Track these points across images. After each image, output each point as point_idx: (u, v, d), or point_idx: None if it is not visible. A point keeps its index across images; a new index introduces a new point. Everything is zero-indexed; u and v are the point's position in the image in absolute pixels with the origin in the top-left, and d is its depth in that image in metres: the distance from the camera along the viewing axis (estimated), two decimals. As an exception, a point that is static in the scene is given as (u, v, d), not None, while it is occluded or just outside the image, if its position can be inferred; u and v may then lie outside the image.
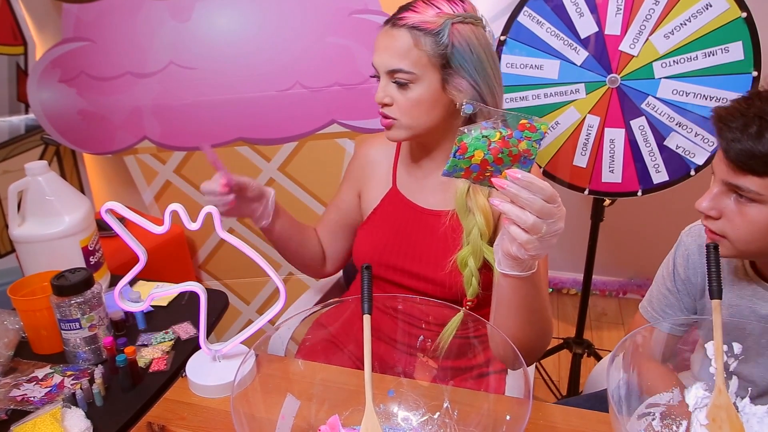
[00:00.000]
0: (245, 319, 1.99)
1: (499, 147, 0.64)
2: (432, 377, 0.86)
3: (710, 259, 0.74)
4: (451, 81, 0.94)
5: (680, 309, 0.99)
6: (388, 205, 1.10)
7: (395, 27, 0.94)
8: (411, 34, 0.92)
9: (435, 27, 0.91)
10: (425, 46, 0.92)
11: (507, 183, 0.64)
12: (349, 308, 0.96)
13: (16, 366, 0.95)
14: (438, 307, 0.88)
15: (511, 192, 0.64)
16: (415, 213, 1.06)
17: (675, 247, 1.00)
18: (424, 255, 1.03)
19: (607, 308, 2.47)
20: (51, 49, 1.65)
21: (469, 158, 0.65)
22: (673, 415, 0.78)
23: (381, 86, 0.97)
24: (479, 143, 0.64)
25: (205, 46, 1.65)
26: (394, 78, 0.94)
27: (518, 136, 0.64)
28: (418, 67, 0.92)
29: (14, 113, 1.68)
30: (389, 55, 0.94)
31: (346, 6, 1.60)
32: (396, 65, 0.93)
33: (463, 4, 0.95)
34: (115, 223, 0.80)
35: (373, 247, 1.08)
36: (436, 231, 1.02)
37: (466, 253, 0.95)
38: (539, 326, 0.83)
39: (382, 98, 0.96)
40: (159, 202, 1.84)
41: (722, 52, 1.40)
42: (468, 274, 0.96)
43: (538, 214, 0.64)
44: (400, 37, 0.93)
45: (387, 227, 1.08)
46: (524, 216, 0.65)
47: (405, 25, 0.92)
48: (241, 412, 0.69)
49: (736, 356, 0.78)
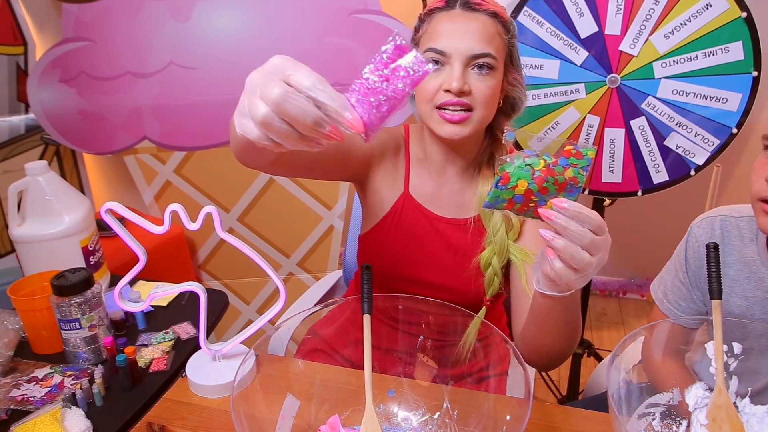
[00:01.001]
0: (245, 319, 1.99)
1: (544, 176, 0.60)
2: (432, 377, 0.86)
3: (710, 259, 0.74)
4: (509, 74, 0.93)
5: (692, 301, 0.98)
6: (401, 212, 1.01)
7: (473, 11, 0.88)
8: (493, 21, 0.88)
9: (507, 19, 0.90)
10: (504, 34, 0.89)
11: (555, 214, 0.60)
12: (345, 313, 0.95)
13: (16, 366, 0.95)
14: (438, 306, 0.87)
15: (559, 224, 0.60)
16: (430, 221, 1.00)
17: (686, 239, 0.99)
18: (441, 264, 1.00)
19: (607, 308, 2.47)
20: (51, 49, 1.65)
21: (512, 189, 0.61)
22: (673, 415, 0.78)
23: (458, 74, 0.85)
24: (522, 172, 0.60)
25: (205, 46, 1.65)
26: (478, 62, 0.87)
27: (563, 163, 0.60)
28: (500, 54, 0.89)
29: (14, 113, 1.68)
30: (474, 39, 0.86)
31: (346, 6, 1.60)
32: (484, 49, 0.86)
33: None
34: (114, 223, 0.80)
35: (389, 258, 1.02)
36: (451, 239, 0.99)
37: (490, 252, 0.93)
38: (573, 335, 0.83)
39: (462, 86, 0.85)
40: (159, 202, 1.84)
41: (722, 52, 1.40)
42: (490, 274, 0.94)
43: (588, 248, 0.61)
44: (485, 21, 0.87)
45: (401, 236, 1.01)
46: (579, 255, 0.60)
47: (485, 11, 0.88)
48: (241, 412, 0.69)
49: (736, 356, 0.78)
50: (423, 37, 0.92)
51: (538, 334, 0.82)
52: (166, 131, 1.72)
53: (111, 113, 1.70)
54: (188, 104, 1.68)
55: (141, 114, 1.69)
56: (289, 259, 1.90)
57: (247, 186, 1.80)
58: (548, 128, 1.58)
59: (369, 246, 1.05)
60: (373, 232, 1.03)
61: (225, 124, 0.97)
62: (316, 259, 1.90)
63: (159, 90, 1.67)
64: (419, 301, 0.87)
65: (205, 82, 1.66)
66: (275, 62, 0.59)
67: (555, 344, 0.82)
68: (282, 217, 1.84)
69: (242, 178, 1.79)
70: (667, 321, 0.94)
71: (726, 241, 0.92)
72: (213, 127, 1.70)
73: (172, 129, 1.72)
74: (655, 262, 1.09)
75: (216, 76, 1.65)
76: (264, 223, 1.86)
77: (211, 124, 1.70)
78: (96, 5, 1.63)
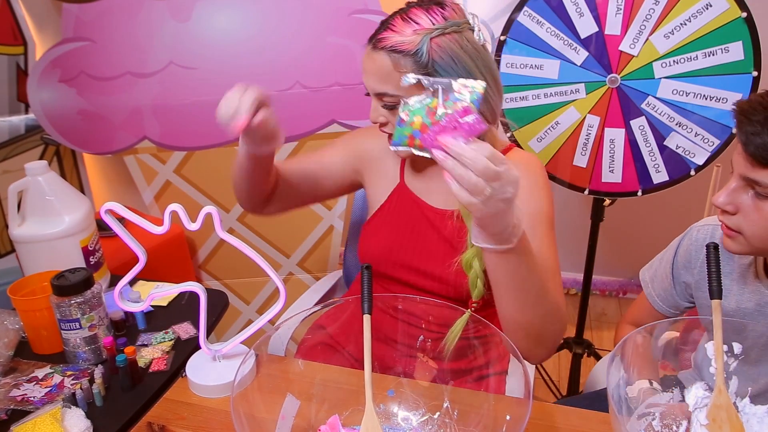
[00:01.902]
0: (245, 319, 1.99)
1: (436, 111, 0.65)
2: (432, 377, 0.86)
3: (710, 259, 0.74)
4: None
5: (671, 294, 1.02)
6: (396, 201, 1.08)
7: (375, 49, 0.91)
8: (390, 57, 0.89)
9: (413, 47, 0.87)
10: (405, 67, 0.88)
11: (451, 141, 0.63)
12: (349, 308, 0.96)
13: (16, 366, 0.95)
14: (438, 307, 0.88)
15: (454, 151, 0.63)
16: (423, 210, 1.05)
17: (683, 236, 1.01)
18: (432, 253, 1.02)
19: (607, 308, 2.47)
20: (51, 49, 1.65)
21: (410, 125, 0.66)
22: (673, 415, 0.78)
23: (373, 107, 0.96)
24: (417, 110, 0.66)
25: (205, 46, 1.65)
26: (382, 101, 0.93)
27: (454, 99, 0.65)
28: (402, 89, 0.89)
29: (14, 113, 1.68)
30: (373, 80, 0.92)
31: (346, 6, 1.60)
32: (381, 89, 0.91)
33: (443, 11, 0.90)
34: (114, 223, 0.80)
35: (381, 243, 1.07)
36: (443, 229, 1.02)
37: (471, 255, 0.94)
38: (542, 309, 0.81)
39: (376, 118, 0.96)
40: (159, 202, 1.84)
41: (722, 52, 1.41)
42: (473, 276, 0.94)
43: (482, 174, 0.63)
44: (380, 60, 0.90)
45: (394, 223, 1.07)
46: (467, 175, 0.63)
47: (383, 48, 0.89)
48: (241, 412, 0.69)
49: (737, 356, 0.79)
50: None
51: (499, 302, 0.81)
52: (166, 131, 1.72)
53: (111, 113, 1.70)
54: (188, 104, 1.68)
55: (141, 114, 1.69)
56: (289, 259, 1.90)
57: (247, 186, 1.80)
58: (548, 128, 1.58)
59: (367, 233, 1.11)
60: (371, 221, 1.11)
61: (225, 124, 0.97)
62: (316, 259, 1.90)
63: (159, 90, 1.67)
64: (419, 300, 0.87)
65: (205, 82, 1.66)
66: None
67: (521, 318, 0.81)
68: (282, 217, 1.84)
69: (242, 178, 1.79)
70: (667, 321, 0.94)
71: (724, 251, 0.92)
72: (213, 127, 1.68)
73: (172, 129, 1.72)
74: (655, 262, 1.10)
75: (216, 76, 1.65)
76: (264, 223, 1.86)
77: (211, 124, 1.68)
78: (96, 5, 1.63)
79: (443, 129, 0.65)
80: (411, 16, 0.89)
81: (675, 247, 1.01)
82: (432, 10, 0.89)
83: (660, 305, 1.04)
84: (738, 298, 0.91)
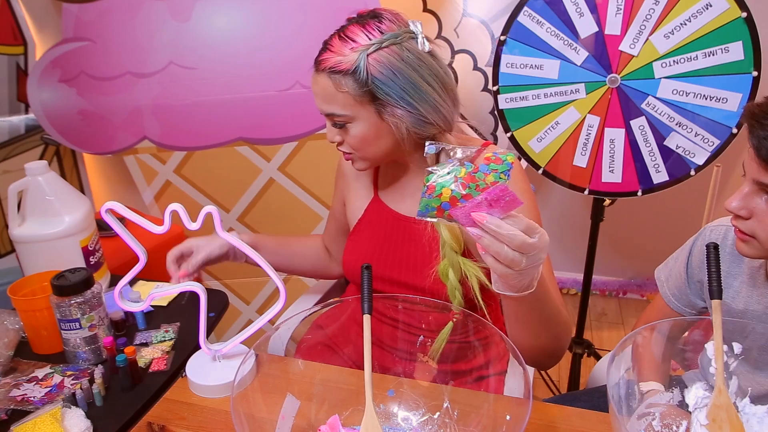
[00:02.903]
0: (245, 319, 1.99)
1: (467, 182, 0.64)
2: (432, 377, 0.86)
3: (710, 259, 0.74)
4: (385, 111, 0.90)
5: (685, 294, 1.01)
6: (372, 215, 1.08)
7: (317, 72, 0.92)
8: (330, 78, 0.89)
9: (350, 66, 0.88)
10: (346, 87, 0.89)
11: (487, 218, 0.63)
12: (347, 311, 0.96)
13: (16, 366, 0.95)
14: (438, 308, 0.88)
15: (490, 228, 0.63)
16: (398, 222, 1.04)
17: (696, 236, 1.00)
18: (410, 263, 1.02)
19: (607, 308, 2.47)
20: (51, 49, 1.65)
21: (438, 197, 0.65)
22: (673, 414, 0.78)
23: (328, 128, 0.97)
24: (446, 181, 0.64)
25: (205, 46, 1.65)
26: (333, 121, 0.94)
27: (484, 169, 0.64)
28: (347, 108, 0.90)
29: (14, 113, 1.68)
30: (320, 101, 0.93)
31: (346, 6, 1.60)
32: (328, 110, 0.93)
33: (380, 24, 0.89)
34: (115, 223, 0.80)
35: (360, 257, 1.07)
36: (419, 238, 1.00)
37: (445, 266, 0.93)
38: (554, 331, 0.83)
39: (332, 138, 0.97)
40: (159, 202, 1.84)
41: (722, 52, 1.40)
42: (451, 287, 0.94)
43: (519, 249, 0.63)
44: (323, 81, 0.91)
45: (371, 237, 1.07)
46: (504, 251, 0.63)
47: (323, 70, 0.90)
48: (241, 412, 0.69)
49: (737, 356, 0.78)
50: None
51: (516, 335, 0.83)
52: (166, 131, 1.72)
53: (111, 113, 1.70)
54: (188, 104, 1.68)
55: (141, 114, 1.69)
56: (289, 259, 1.90)
57: (247, 186, 1.80)
58: (548, 128, 1.58)
59: (348, 249, 1.12)
60: (351, 236, 1.12)
61: (225, 124, 0.98)
62: (316, 259, 1.90)
63: (159, 90, 1.67)
64: (417, 302, 0.87)
65: (205, 82, 1.66)
66: None
67: (536, 342, 0.82)
68: (282, 217, 1.84)
69: (242, 178, 1.79)
70: (667, 321, 0.94)
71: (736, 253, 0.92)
72: (213, 127, 1.70)
73: (172, 129, 1.72)
74: (654, 262, 1.10)
75: (216, 76, 1.65)
76: (264, 223, 1.86)
77: (211, 124, 1.70)
78: (96, 5, 1.63)
79: (478, 205, 0.64)
80: (348, 35, 0.90)
81: (689, 246, 1.00)
82: (368, 25, 0.89)
83: (675, 304, 1.02)
84: (747, 300, 0.90)
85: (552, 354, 0.86)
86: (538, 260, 0.66)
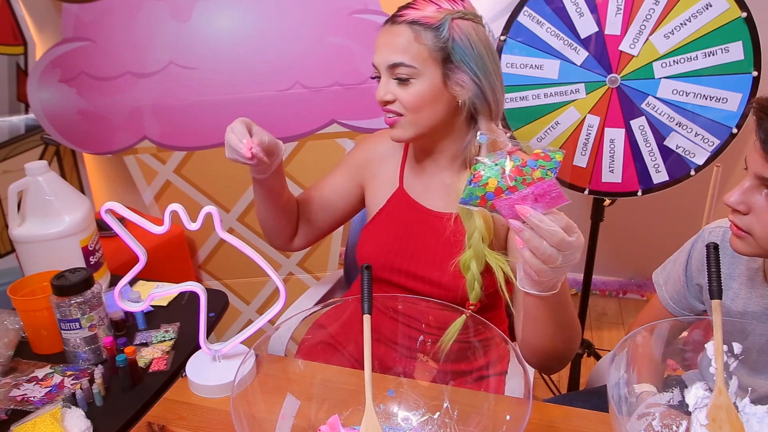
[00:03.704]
0: (245, 319, 1.99)
1: (513, 175, 0.64)
2: (432, 377, 0.86)
3: (710, 259, 0.74)
4: (453, 76, 0.93)
5: (684, 297, 1.00)
6: (395, 206, 1.08)
7: (395, 24, 0.94)
8: (411, 29, 0.92)
9: (435, 22, 0.91)
10: (426, 40, 0.91)
11: (530, 212, 0.64)
12: (349, 309, 0.96)
13: (16, 366, 0.95)
14: (439, 308, 0.88)
15: (532, 221, 0.64)
16: (421, 214, 1.05)
17: (695, 239, 0.99)
18: (429, 257, 1.02)
19: (607, 308, 2.47)
20: (51, 49, 1.65)
21: (483, 186, 0.65)
22: (673, 414, 0.78)
23: (382, 83, 0.96)
24: (493, 171, 0.65)
25: (205, 46, 1.65)
26: (395, 74, 0.93)
27: (532, 164, 0.64)
28: (418, 62, 0.92)
29: (14, 113, 1.68)
30: (389, 51, 0.93)
31: (346, 6, 1.60)
32: (397, 59, 0.92)
33: (463, 2, 0.95)
34: (114, 223, 0.80)
35: (378, 248, 1.07)
36: (441, 233, 1.01)
37: (468, 256, 0.94)
38: (568, 335, 0.83)
39: (383, 95, 0.95)
40: (159, 202, 1.84)
41: (722, 52, 1.40)
42: (471, 278, 0.94)
43: (557, 246, 0.64)
44: (401, 32, 0.92)
45: (392, 228, 1.07)
46: (542, 246, 0.64)
47: (405, 21, 0.92)
48: (241, 412, 0.69)
49: (737, 356, 0.78)
50: None
51: (531, 335, 0.83)
52: (166, 131, 1.72)
53: (111, 113, 1.70)
54: (188, 104, 1.68)
55: (141, 114, 1.69)
56: (289, 259, 1.90)
57: (247, 186, 1.80)
58: (548, 128, 1.58)
59: (365, 237, 1.11)
60: (369, 225, 1.11)
61: (225, 124, 0.98)
62: (316, 259, 1.90)
63: (159, 90, 1.67)
64: (419, 300, 0.87)
65: (205, 82, 1.66)
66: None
67: (550, 345, 0.83)
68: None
69: (242, 178, 1.79)
70: (667, 321, 0.94)
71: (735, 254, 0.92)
72: (213, 127, 1.70)
73: (172, 129, 1.72)
74: (654, 262, 1.10)
75: (216, 76, 1.65)
76: (264, 223, 1.86)
77: (211, 124, 1.70)
78: (96, 5, 1.63)
79: (523, 198, 0.64)
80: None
81: (688, 249, 1.00)
82: None
83: (673, 307, 1.02)
84: (746, 301, 0.90)
85: (561, 358, 0.87)
86: (573, 259, 0.67)
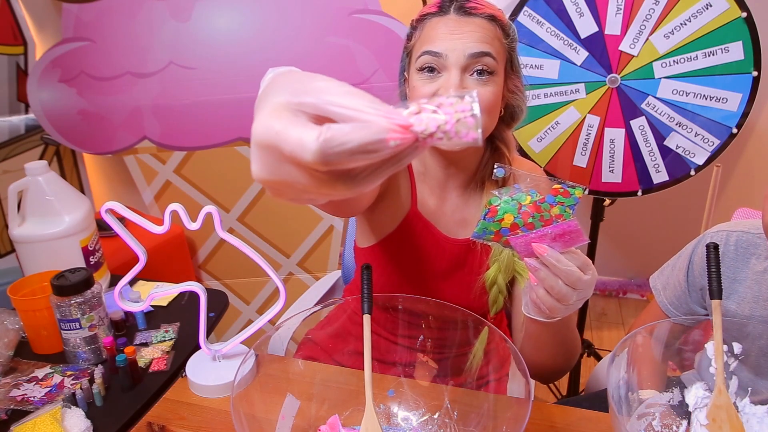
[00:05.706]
0: (245, 319, 1.99)
1: (530, 211, 0.62)
2: (432, 377, 0.86)
3: (710, 259, 0.74)
4: (509, 82, 0.88)
5: (685, 302, 0.99)
6: (408, 230, 0.97)
7: (468, 15, 0.82)
8: (490, 23, 0.82)
9: (506, 22, 0.84)
10: (503, 39, 0.84)
11: (548, 251, 0.62)
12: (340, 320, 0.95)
13: (16, 366, 0.95)
14: (439, 308, 0.87)
15: (549, 261, 0.62)
16: (436, 239, 0.96)
17: (696, 242, 0.98)
18: (447, 282, 0.98)
19: (607, 308, 2.47)
20: (51, 49, 1.65)
21: (498, 221, 0.63)
22: (672, 414, 0.78)
23: (455, 80, 0.79)
24: (509, 207, 0.63)
25: (205, 46, 1.65)
26: (475, 67, 0.81)
27: (550, 200, 0.62)
28: (500, 58, 0.83)
29: (14, 113, 1.68)
30: (472, 39, 0.80)
31: (346, 6, 1.60)
32: (486, 48, 0.80)
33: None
34: (115, 223, 0.80)
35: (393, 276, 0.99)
36: (456, 258, 0.96)
37: (495, 271, 0.92)
38: (569, 353, 0.83)
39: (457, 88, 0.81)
40: (159, 202, 1.84)
41: (722, 52, 1.41)
42: (495, 292, 0.92)
43: (573, 285, 0.63)
44: (483, 24, 0.82)
45: (407, 254, 0.97)
46: (558, 286, 0.63)
47: (482, 14, 0.82)
48: (241, 412, 0.69)
49: (737, 356, 0.78)
50: (416, 44, 0.87)
51: (531, 353, 0.83)
52: (166, 131, 1.72)
53: (111, 113, 1.70)
54: (188, 104, 1.68)
55: (141, 114, 1.69)
56: (289, 259, 1.90)
57: (247, 186, 1.80)
58: (548, 128, 1.58)
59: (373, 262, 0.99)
60: (377, 248, 0.99)
61: (225, 124, 0.96)
62: (316, 259, 1.90)
63: (159, 90, 1.67)
64: (419, 300, 0.87)
65: (205, 82, 1.66)
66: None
67: (551, 362, 0.83)
68: (282, 217, 1.84)
69: (242, 178, 1.79)
70: (668, 321, 0.94)
71: (739, 257, 0.91)
72: (213, 127, 1.70)
73: (172, 129, 1.72)
74: (655, 262, 1.09)
75: (216, 76, 1.65)
76: (264, 223, 1.86)
77: (211, 124, 1.70)
78: (96, 5, 1.63)
79: (541, 237, 0.62)
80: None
81: (689, 254, 0.98)
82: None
83: (673, 312, 1.00)
84: (752, 306, 0.90)
85: (560, 372, 0.87)
86: (586, 296, 0.66)
